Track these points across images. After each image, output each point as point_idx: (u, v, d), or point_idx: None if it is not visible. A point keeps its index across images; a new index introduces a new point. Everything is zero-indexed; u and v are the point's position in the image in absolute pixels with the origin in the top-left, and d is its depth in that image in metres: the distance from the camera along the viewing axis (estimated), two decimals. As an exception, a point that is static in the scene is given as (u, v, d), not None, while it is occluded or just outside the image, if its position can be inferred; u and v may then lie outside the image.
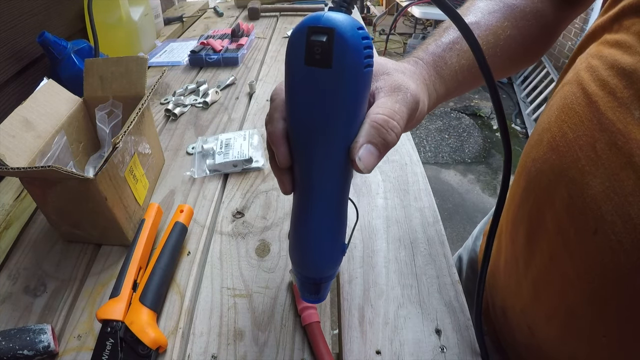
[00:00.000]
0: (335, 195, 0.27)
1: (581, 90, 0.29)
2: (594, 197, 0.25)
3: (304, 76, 0.22)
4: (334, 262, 0.29)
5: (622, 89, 0.25)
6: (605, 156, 0.25)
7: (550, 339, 0.32)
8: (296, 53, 0.22)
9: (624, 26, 0.28)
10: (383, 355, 0.35)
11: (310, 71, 0.22)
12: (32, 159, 0.42)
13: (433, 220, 0.49)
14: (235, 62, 0.91)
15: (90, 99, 0.54)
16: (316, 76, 0.22)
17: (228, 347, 0.36)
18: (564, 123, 0.29)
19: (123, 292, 0.37)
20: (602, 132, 0.26)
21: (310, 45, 0.21)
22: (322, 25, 0.21)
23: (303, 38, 0.22)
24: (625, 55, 0.26)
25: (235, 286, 0.42)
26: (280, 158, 0.26)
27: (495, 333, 0.44)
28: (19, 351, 0.34)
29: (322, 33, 0.21)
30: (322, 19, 0.21)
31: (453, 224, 1.82)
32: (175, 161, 0.60)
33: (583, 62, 0.31)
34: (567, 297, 0.29)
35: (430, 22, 3.44)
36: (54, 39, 0.68)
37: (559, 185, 0.28)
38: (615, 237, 0.24)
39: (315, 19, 0.21)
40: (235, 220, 0.50)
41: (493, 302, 0.44)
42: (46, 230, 0.49)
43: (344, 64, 0.21)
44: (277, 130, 0.26)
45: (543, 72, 2.59)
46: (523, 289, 0.35)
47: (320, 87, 0.22)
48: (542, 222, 0.30)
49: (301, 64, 0.22)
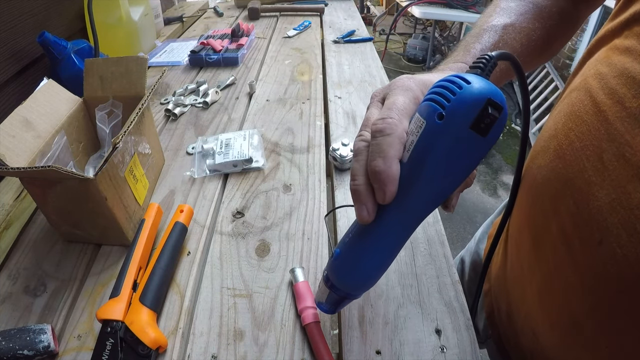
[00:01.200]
0: (409, 232, 0.29)
1: (589, 97, 0.28)
2: (599, 209, 0.25)
3: (462, 136, 0.24)
4: (372, 284, 0.31)
5: (630, 99, 0.25)
6: (612, 167, 0.24)
7: (554, 346, 0.32)
8: (466, 114, 0.24)
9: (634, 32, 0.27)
10: (383, 355, 0.36)
11: (469, 133, 0.24)
12: (32, 159, 0.42)
13: (433, 220, 0.49)
14: (235, 62, 0.92)
15: (90, 99, 0.54)
16: (471, 139, 0.24)
17: (228, 347, 0.36)
18: (571, 131, 0.29)
19: (123, 292, 0.37)
20: (609, 142, 0.25)
21: (484, 116, 0.23)
22: (498, 102, 0.23)
23: (480, 106, 0.23)
24: (634, 63, 0.25)
25: (235, 286, 0.42)
26: (388, 198, 0.26)
27: (500, 337, 0.44)
28: (19, 351, 0.34)
29: (496, 109, 0.23)
30: (500, 97, 0.24)
31: (453, 224, 1.82)
32: (175, 161, 0.60)
33: (591, 68, 0.30)
34: (571, 306, 0.28)
35: (430, 22, 3.44)
36: (54, 39, 0.68)
37: (565, 194, 0.28)
38: (620, 249, 0.23)
39: (494, 93, 0.24)
40: (235, 220, 0.50)
41: (498, 307, 0.44)
42: (46, 230, 0.49)
43: (494, 137, 0.24)
44: (392, 171, 0.26)
45: (543, 72, 2.59)
46: (527, 295, 0.35)
47: (469, 149, 0.25)
48: (548, 229, 0.30)
49: (466, 125, 0.24)
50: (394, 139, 0.26)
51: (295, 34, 1.10)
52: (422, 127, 0.25)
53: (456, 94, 0.24)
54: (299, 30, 1.12)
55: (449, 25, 3.37)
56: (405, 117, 0.27)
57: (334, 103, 0.76)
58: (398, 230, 0.28)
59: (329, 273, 0.31)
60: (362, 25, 1.18)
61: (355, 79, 0.85)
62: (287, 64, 0.92)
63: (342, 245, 0.30)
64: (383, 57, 3.03)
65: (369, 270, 0.29)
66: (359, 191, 0.27)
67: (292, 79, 0.85)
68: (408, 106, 0.28)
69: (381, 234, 0.28)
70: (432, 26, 2.94)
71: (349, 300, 0.32)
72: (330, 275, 0.31)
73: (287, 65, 0.92)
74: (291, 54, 0.98)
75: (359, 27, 1.15)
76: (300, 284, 0.40)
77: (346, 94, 0.78)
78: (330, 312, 0.34)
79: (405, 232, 0.28)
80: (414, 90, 0.29)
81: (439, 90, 0.25)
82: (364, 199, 0.27)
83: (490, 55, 0.26)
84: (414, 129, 0.26)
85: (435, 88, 0.25)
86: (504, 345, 0.43)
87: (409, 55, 3.33)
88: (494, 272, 0.45)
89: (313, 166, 0.58)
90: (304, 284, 0.40)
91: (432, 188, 0.26)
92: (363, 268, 0.29)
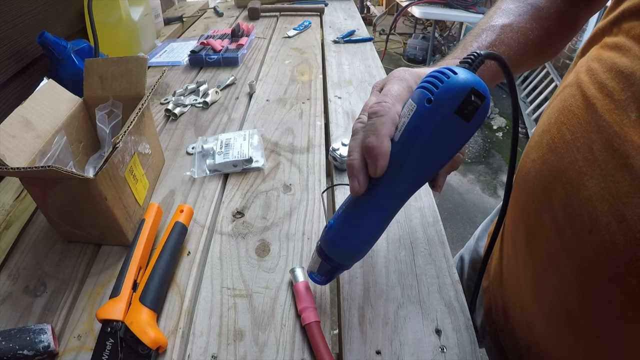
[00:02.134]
0: (398, 205, 0.32)
1: (580, 92, 0.29)
2: (589, 198, 0.25)
3: (448, 120, 0.27)
4: (363, 255, 0.34)
5: (619, 91, 0.25)
6: (602, 158, 0.25)
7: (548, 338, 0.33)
8: (452, 100, 0.27)
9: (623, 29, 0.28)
10: (383, 355, 0.36)
11: (454, 118, 0.27)
12: (32, 159, 0.42)
13: (433, 220, 0.49)
14: (235, 62, 0.92)
15: (90, 99, 0.54)
16: (456, 123, 0.27)
17: (228, 347, 0.36)
18: (563, 125, 0.29)
19: (123, 292, 0.37)
20: (599, 134, 0.26)
21: (467, 102, 0.27)
22: (482, 92, 0.27)
23: (464, 93, 0.27)
24: (623, 58, 0.26)
25: (235, 286, 0.42)
26: (379, 171, 0.29)
27: (497, 334, 0.44)
28: (19, 351, 0.34)
29: (479, 97, 0.27)
30: (483, 88, 0.27)
31: (453, 224, 1.82)
32: (175, 161, 0.60)
33: (583, 65, 0.31)
34: (564, 297, 0.29)
35: (430, 22, 3.44)
36: (54, 39, 0.68)
37: (557, 186, 0.29)
38: (610, 237, 0.24)
39: (478, 84, 0.27)
40: (235, 220, 0.50)
41: (496, 303, 0.44)
42: (46, 230, 0.49)
43: (476, 123, 0.28)
44: (384, 146, 0.29)
45: (543, 72, 2.59)
46: (523, 288, 0.35)
47: (454, 132, 0.28)
48: (541, 221, 0.31)
49: (451, 110, 0.27)
50: (387, 119, 0.29)
51: (295, 34, 1.10)
52: (413, 110, 0.29)
53: (444, 82, 0.27)
54: (299, 30, 1.12)
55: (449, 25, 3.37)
56: (398, 102, 0.31)
57: (334, 103, 0.76)
58: (387, 203, 0.31)
59: (322, 243, 0.33)
60: (362, 25, 1.18)
61: (355, 79, 0.85)
62: (287, 64, 0.92)
63: (335, 217, 0.33)
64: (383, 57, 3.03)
65: (359, 240, 0.32)
66: (354, 165, 0.30)
67: (292, 79, 0.85)
68: (402, 93, 0.31)
69: (371, 207, 0.31)
70: (432, 26, 2.94)
71: (340, 271, 0.35)
72: (323, 245, 0.33)
73: (287, 65, 0.92)
74: (291, 54, 0.98)
75: (359, 27, 1.15)
76: (300, 283, 0.40)
77: (346, 94, 0.78)
78: (322, 283, 0.36)
79: (393, 206, 0.31)
80: (408, 80, 0.33)
81: (430, 79, 0.28)
82: (357, 172, 0.30)
83: (479, 53, 0.29)
84: (406, 112, 0.29)
85: (427, 77, 0.29)
86: (501, 341, 0.43)
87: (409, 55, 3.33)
88: (492, 269, 0.46)
89: (313, 166, 0.58)
90: (303, 284, 0.40)
91: (420, 165, 0.29)
92: (354, 238, 0.32)
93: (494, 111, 2.68)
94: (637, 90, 0.24)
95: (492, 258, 0.47)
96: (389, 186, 0.30)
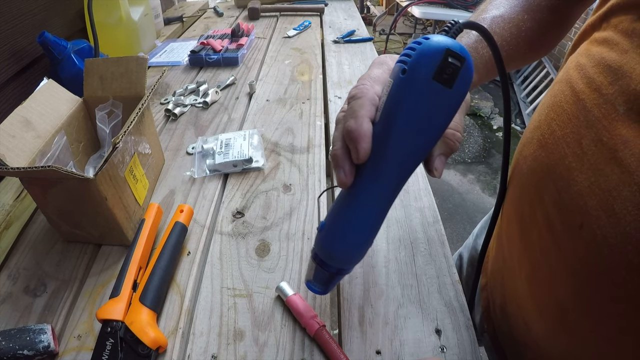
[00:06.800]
0: (391, 196, 0.29)
1: (569, 88, 0.29)
2: (579, 192, 0.26)
3: (427, 88, 0.25)
4: (360, 256, 0.31)
5: (607, 86, 0.25)
6: (591, 152, 0.25)
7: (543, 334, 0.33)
8: (427, 65, 0.24)
9: (611, 24, 0.28)
10: (383, 355, 0.36)
11: (434, 85, 0.24)
12: (32, 159, 0.42)
13: (433, 220, 0.49)
14: (235, 62, 0.92)
15: (90, 99, 0.54)
16: (437, 91, 0.25)
17: (228, 347, 0.36)
18: (553, 121, 0.30)
19: (123, 292, 0.37)
20: (588, 128, 0.26)
21: (445, 65, 0.24)
22: (459, 53, 0.24)
23: (439, 56, 0.24)
24: (611, 52, 0.26)
25: (235, 286, 0.42)
26: (361, 155, 0.26)
27: (495, 332, 0.44)
28: (19, 351, 0.34)
29: (457, 59, 0.24)
30: (459, 47, 0.24)
31: (453, 224, 1.82)
32: (175, 161, 0.60)
33: (573, 61, 0.31)
34: (557, 292, 0.29)
35: (430, 22, 3.43)
36: (54, 39, 0.68)
37: (548, 182, 0.29)
38: (600, 231, 0.24)
39: (453, 45, 0.24)
40: (235, 220, 0.50)
41: (494, 300, 0.44)
42: (46, 230, 0.49)
43: (461, 89, 0.25)
44: (363, 128, 0.26)
45: (543, 72, 2.59)
46: (518, 285, 0.36)
47: (436, 101, 0.25)
48: (534, 218, 0.31)
49: (429, 76, 0.24)
50: (365, 101, 0.27)
51: (295, 34, 1.10)
52: (390, 85, 0.26)
53: (416, 49, 0.25)
54: (299, 30, 1.12)
55: (449, 25, 3.37)
56: (377, 84, 0.29)
57: (334, 103, 0.76)
58: (379, 193, 0.28)
59: (316, 247, 0.31)
60: (362, 25, 1.18)
61: (355, 79, 0.85)
62: (287, 64, 0.92)
63: (326, 218, 0.30)
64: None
65: (353, 238, 0.29)
66: (337, 155, 0.28)
67: (292, 79, 0.85)
68: (381, 76, 0.30)
69: (363, 199, 0.28)
70: (432, 26, 2.94)
71: (339, 277, 0.32)
72: (317, 249, 0.31)
73: (287, 65, 0.92)
74: (291, 54, 0.98)
75: (359, 27, 1.15)
76: (291, 297, 0.39)
77: (346, 94, 0.78)
78: (321, 293, 0.33)
79: (387, 195, 0.28)
80: (389, 64, 0.32)
81: (405, 51, 0.26)
82: (341, 161, 0.27)
83: (456, 21, 0.27)
84: (385, 91, 0.27)
85: (403, 51, 0.27)
86: (499, 338, 0.43)
87: (409, 55, 3.33)
88: (489, 266, 0.46)
89: (313, 166, 0.58)
90: (295, 297, 0.39)
91: (405, 145, 0.26)
92: (347, 236, 0.29)
93: (494, 111, 2.68)
94: (624, 84, 0.24)
95: (489, 255, 0.47)
96: (377, 173, 0.27)
